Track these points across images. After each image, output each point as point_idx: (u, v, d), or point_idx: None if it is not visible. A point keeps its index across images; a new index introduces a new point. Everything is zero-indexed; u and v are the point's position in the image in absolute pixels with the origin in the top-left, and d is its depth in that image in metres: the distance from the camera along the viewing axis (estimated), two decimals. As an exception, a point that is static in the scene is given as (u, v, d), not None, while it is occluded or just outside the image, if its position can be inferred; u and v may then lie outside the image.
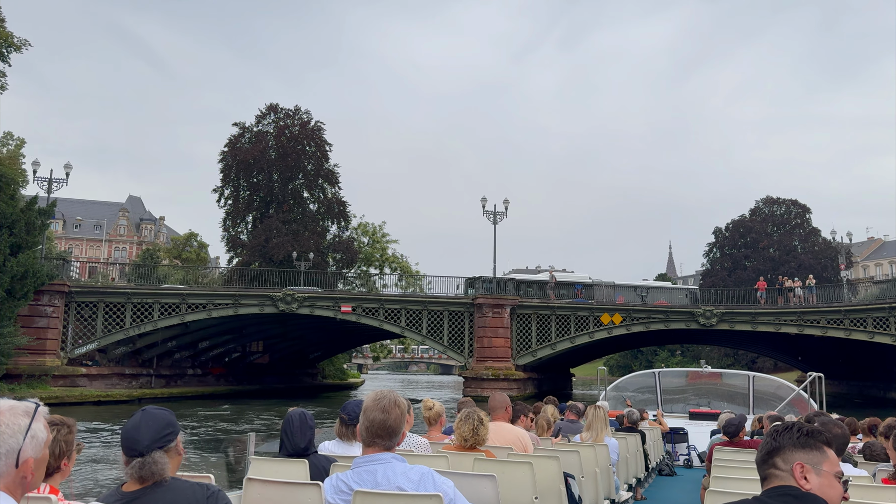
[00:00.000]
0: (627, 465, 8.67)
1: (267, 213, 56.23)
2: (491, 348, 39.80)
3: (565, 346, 41.59)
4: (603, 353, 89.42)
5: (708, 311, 41.08)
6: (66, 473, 3.03)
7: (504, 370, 39.11)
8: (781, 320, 40.61)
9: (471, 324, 41.05)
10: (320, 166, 57.25)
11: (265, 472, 4.12)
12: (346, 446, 4.56)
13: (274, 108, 58.15)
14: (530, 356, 41.17)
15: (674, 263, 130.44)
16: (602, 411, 7.85)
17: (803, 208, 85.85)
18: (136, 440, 2.50)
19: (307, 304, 40.14)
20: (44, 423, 1.90)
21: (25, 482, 1.83)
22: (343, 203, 58.99)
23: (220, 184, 57.17)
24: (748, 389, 16.42)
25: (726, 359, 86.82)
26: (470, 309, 41.13)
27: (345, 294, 41.48)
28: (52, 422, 2.79)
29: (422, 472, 3.08)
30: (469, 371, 40.19)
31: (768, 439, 2.24)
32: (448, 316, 41.18)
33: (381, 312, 40.74)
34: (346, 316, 40.55)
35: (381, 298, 41.23)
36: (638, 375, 20.03)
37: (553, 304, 41.99)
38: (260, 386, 50.38)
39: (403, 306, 41.16)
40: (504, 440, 5.64)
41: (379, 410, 3.05)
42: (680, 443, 13.77)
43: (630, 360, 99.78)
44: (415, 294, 43.37)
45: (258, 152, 54.84)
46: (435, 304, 41.66)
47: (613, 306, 42.59)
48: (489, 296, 40.96)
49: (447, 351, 41.93)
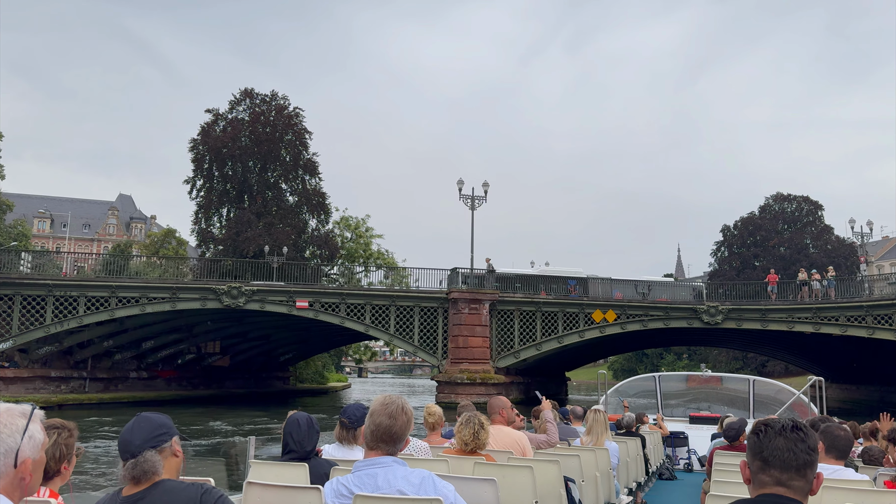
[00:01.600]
0: (628, 468, 9.70)
1: (242, 206, 57.97)
2: (467, 349, 40.29)
3: (552, 346, 42.30)
4: (602, 354, 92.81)
5: (712, 307, 41.87)
6: (66, 477, 3.42)
7: (481, 373, 39.58)
8: (795, 318, 41.17)
9: (445, 321, 41.63)
10: (298, 155, 59.36)
11: (265, 475, 4.67)
12: (347, 450, 5.17)
13: (249, 93, 59.97)
14: (512, 357, 41.81)
15: (682, 266, 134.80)
16: (602, 415, 8.78)
17: (815, 205, 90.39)
18: (129, 441, 2.86)
19: (256, 298, 40.40)
20: (40, 426, 2.12)
21: (24, 484, 2.03)
22: (322, 194, 60.71)
23: (192, 174, 59.22)
24: (748, 393, 18.24)
25: (735, 362, 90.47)
26: (444, 305, 41.68)
27: (300, 287, 41.81)
28: (53, 425, 3.34)
29: (422, 475, 3.47)
30: (442, 374, 40.72)
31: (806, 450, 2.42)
32: (419, 312, 41.72)
33: (342, 308, 41.16)
34: (303, 312, 40.97)
35: (342, 293, 41.83)
36: (638, 379, 22.10)
37: (538, 299, 42.58)
38: (219, 391, 51.12)
39: (368, 301, 41.62)
40: (504, 444, 6.37)
41: (386, 416, 3.46)
42: (680, 447, 15.33)
43: (635, 363, 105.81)
44: (381, 288, 43.84)
45: (232, 140, 56.60)
46: (404, 298, 42.19)
47: (606, 302, 43.18)
48: (465, 290, 41.38)
49: (418, 352, 42.47)
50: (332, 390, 73.86)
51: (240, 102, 59.74)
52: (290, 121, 58.87)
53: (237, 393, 52.03)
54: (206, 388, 51.07)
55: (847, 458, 5.46)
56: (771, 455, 2.44)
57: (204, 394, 49.26)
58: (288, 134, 58.61)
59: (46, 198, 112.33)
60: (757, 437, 2.50)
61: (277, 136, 57.91)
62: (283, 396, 57.45)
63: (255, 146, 56.81)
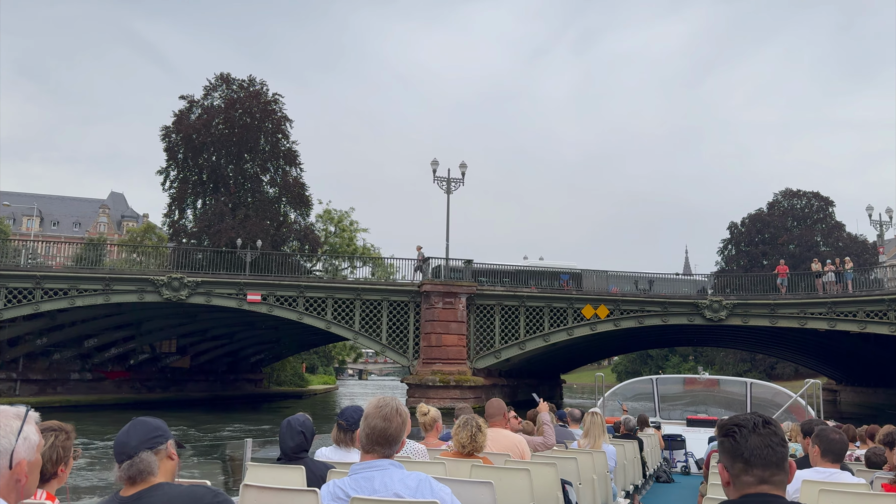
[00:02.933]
0: (625, 471, 10.85)
1: (217, 198, 60.00)
2: (441, 347, 40.93)
3: (537, 345, 43.02)
4: (601, 355, 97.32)
5: (715, 302, 42.74)
6: (63, 480, 3.78)
7: (457, 375, 40.16)
8: (807, 313, 41.89)
9: (417, 317, 42.28)
10: (277, 144, 61.65)
11: (262, 478, 5.30)
12: (344, 452, 5.84)
13: (226, 78, 62.51)
14: (493, 357, 42.53)
15: (690, 267, 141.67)
16: (599, 418, 9.81)
17: (825, 201, 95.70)
18: (125, 443, 3.26)
19: (201, 291, 40.76)
20: (35, 427, 2.37)
21: (20, 486, 2.26)
22: (301, 185, 62.97)
23: (166, 165, 61.87)
24: (745, 396, 20.24)
25: (742, 364, 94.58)
26: (416, 299, 42.28)
27: (251, 279, 42.21)
28: (50, 427, 3.72)
29: (419, 478, 3.87)
30: (413, 376, 41.28)
31: None
32: (388, 307, 42.33)
33: (300, 302, 41.60)
34: (255, 307, 41.40)
35: (300, 285, 42.34)
36: (635, 382, 24.38)
37: (522, 292, 43.33)
38: (178, 394, 51.96)
39: (330, 295, 42.06)
40: (502, 447, 7.14)
41: (380, 418, 3.86)
42: (677, 449, 17.07)
43: (639, 365, 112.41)
44: (345, 280, 44.44)
45: (205, 128, 59.00)
46: (371, 292, 42.69)
47: (597, 296, 43.98)
48: (438, 282, 41.94)
49: (385, 351, 43.19)
50: (311, 394, 76.48)
51: (216, 88, 61.70)
52: (267, 107, 60.99)
53: (198, 397, 52.81)
54: (163, 391, 51.95)
55: (842, 461, 6.20)
56: (751, 455, 2.68)
57: (159, 397, 50.11)
58: (266, 121, 60.70)
59: (37, 196, 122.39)
60: (733, 440, 2.73)
61: (255, 123, 60.06)
62: (251, 400, 58.73)
63: (230, 134, 58.71)
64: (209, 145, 59.25)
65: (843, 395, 76.29)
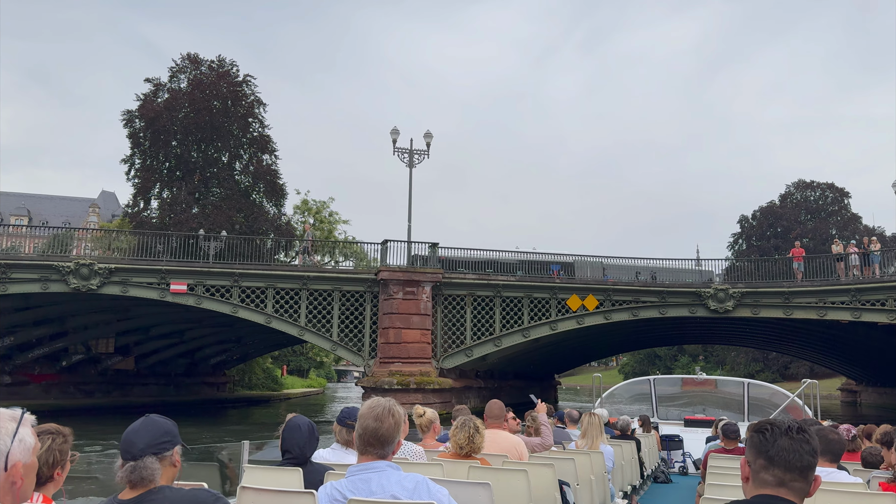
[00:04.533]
0: (623, 472, 12.57)
1: (182, 187, 62.74)
2: (400, 345, 41.45)
3: (515, 340, 43.66)
4: (600, 353, 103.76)
5: (720, 290, 43.49)
6: (60, 483, 4.29)
7: (419, 376, 40.81)
8: (827, 302, 42.42)
9: (375, 310, 42.90)
10: (248, 129, 66.80)
11: (259, 480, 6.23)
12: (342, 454, 6.89)
13: (194, 58, 66.50)
14: (463, 356, 43.15)
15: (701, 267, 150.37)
16: (597, 419, 11.35)
17: (840, 192, 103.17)
18: (133, 443, 3.87)
19: (116, 279, 41.01)
20: (31, 430, 2.70)
21: (15, 488, 2.55)
22: (273, 172, 66.29)
23: (130, 153, 65.87)
24: (743, 396, 23.19)
25: (754, 364, 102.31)
26: (373, 288, 42.89)
27: (176, 265, 42.29)
28: (48, 430, 4.28)
29: (416, 480, 4.52)
30: (368, 378, 41.79)
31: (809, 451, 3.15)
32: (340, 299, 42.86)
33: (234, 293, 42.00)
34: (180, 298, 41.76)
35: (233, 273, 42.68)
36: (633, 383, 27.55)
37: (497, 281, 43.90)
38: (121, 399, 52.97)
39: (270, 284, 42.44)
40: (500, 448, 8.40)
41: (372, 419, 4.51)
42: (675, 450, 19.58)
43: (647, 365, 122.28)
44: (287, 266, 45.24)
45: (171, 112, 61.85)
46: (319, 280, 43.04)
47: (584, 284, 44.72)
48: (398, 268, 42.53)
49: (337, 349, 43.62)
50: (281, 399, 79.63)
51: (183, 70, 64.82)
52: (237, 89, 64.40)
53: (145, 402, 53.44)
54: (104, 395, 52.93)
55: (839, 460, 7.38)
56: (777, 454, 3.11)
57: (98, 403, 50.90)
58: (236, 104, 63.99)
59: (26, 195, 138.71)
60: (763, 436, 3.19)
61: (225, 107, 63.44)
62: (208, 406, 60.17)
63: (197, 118, 61.59)
64: (175, 131, 62.12)
65: (863, 395, 78.93)
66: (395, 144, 44.50)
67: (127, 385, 56.54)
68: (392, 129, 44.42)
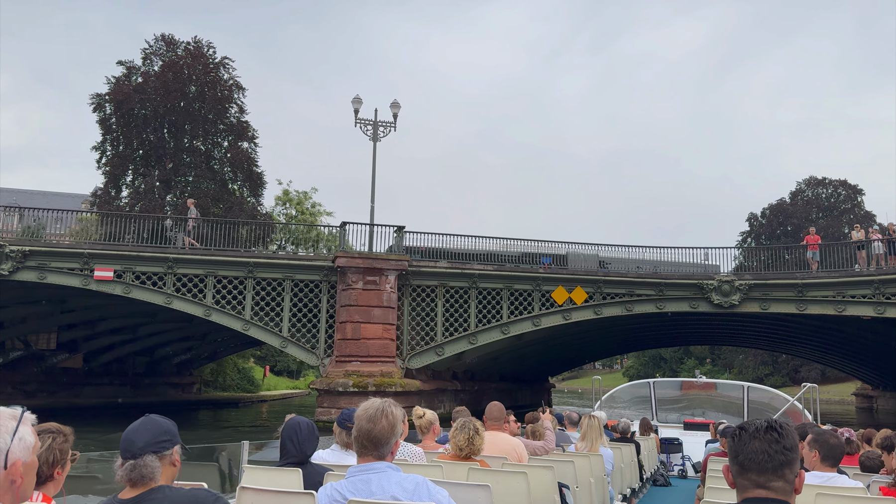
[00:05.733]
0: (622, 475, 14.19)
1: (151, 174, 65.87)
2: (359, 341, 42.03)
3: (492, 337, 44.26)
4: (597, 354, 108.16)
5: (725, 282, 44.10)
6: (60, 483, 4.82)
7: (380, 377, 41.19)
8: (846, 295, 42.86)
9: (332, 301, 43.41)
10: (224, 114, 70.83)
11: (259, 480, 7.14)
12: (342, 455, 7.94)
13: (168, 39, 71.09)
14: (433, 354, 43.67)
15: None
16: (596, 421, 12.88)
17: (853, 189, 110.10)
18: (132, 441, 4.46)
19: (31, 264, 41.25)
20: (31, 429, 3.07)
21: (15, 487, 2.88)
22: (251, 159, 69.44)
23: (101, 140, 69.42)
24: (742, 400, 25.81)
25: (763, 367, 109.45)
26: (330, 277, 43.32)
27: (102, 248, 42.88)
28: (48, 429, 4.80)
29: (416, 481, 5.12)
30: (322, 379, 42.35)
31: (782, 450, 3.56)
32: (292, 289, 43.32)
33: (169, 281, 42.26)
34: (106, 286, 41.87)
35: (167, 257, 42.85)
36: (632, 386, 30.67)
37: (472, 270, 44.40)
38: (69, 401, 53.65)
39: (211, 272, 42.76)
40: (499, 450, 9.64)
41: (366, 420, 5.14)
42: (674, 453, 21.84)
43: (652, 368, 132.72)
44: (231, 251, 45.16)
45: (142, 96, 64.64)
46: (268, 267, 43.47)
47: (571, 275, 45.18)
48: (357, 254, 43.04)
49: (287, 346, 43.76)
50: (254, 401, 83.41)
51: (158, 53, 68.25)
52: (213, 72, 67.79)
53: (96, 405, 54.24)
54: (48, 396, 53.90)
55: (839, 465, 8.36)
56: (746, 458, 3.54)
57: (41, 405, 49.51)
58: (212, 88, 67.22)
59: (17, 191, 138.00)
60: (733, 441, 3.64)
61: (206, 91, 66.96)
62: (170, 409, 60.30)
63: (169, 101, 64.60)
64: (147, 116, 65.23)
65: (880, 401, 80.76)
66: (356, 115, 45.12)
67: (76, 385, 57.33)
68: (354, 98, 45.06)
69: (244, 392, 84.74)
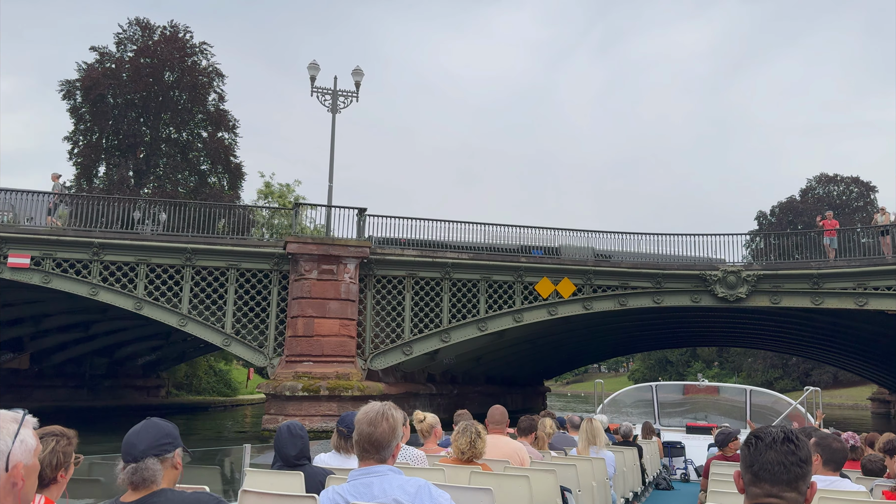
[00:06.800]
0: (624, 478, 15.90)
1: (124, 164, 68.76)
2: (313, 339, 42.65)
3: (468, 334, 44.73)
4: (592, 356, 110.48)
5: (731, 273, 44.98)
6: (63, 486, 5.44)
7: (334, 379, 41.51)
8: (869, 287, 43.47)
9: (283, 294, 43.81)
10: (200, 102, 72.01)
11: (260, 484, 8.15)
12: (344, 459, 9.03)
13: (143, 24, 73.29)
14: (400, 353, 44.01)
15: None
16: (597, 423, 14.69)
17: (866, 187, 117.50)
18: (134, 444, 5.06)
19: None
20: (32, 432, 3.46)
21: (16, 489, 3.24)
22: (228, 149, 72.93)
23: (73, 130, 73.61)
24: (745, 403, 28.39)
25: (773, 371, 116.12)
26: (282, 266, 43.73)
27: (14, 232, 43.53)
28: (52, 432, 5.49)
29: (418, 484, 5.68)
30: (269, 383, 42.54)
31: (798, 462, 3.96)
32: (237, 279, 43.74)
33: (94, 269, 42.58)
34: (22, 275, 42.30)
35: (92, 242, 43.29)
36: (634, 389, 33.20)
37: (445, 258, 44.78)
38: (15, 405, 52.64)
39: (143, 259, 43.16)
40: (501, 453, 11.03)
41: (366, 423, 5.76)
42: (677, 457, 24.16)
43: (658, 372, 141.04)
44: (166, 236, 45.41)
45: (114, 83, 67.89)
46: (208, 255, 43.81)
47: (558, 265, 45.69)
48: (311, 239, 43.64)
49: (231, 344, 43.85)
50: (233, 405, 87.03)
51: (132, 39, 71.55)
52: (189, 59, 71.48)
53: (45, 409, 54.36)
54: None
55: (842, 469, 9.55)
56: (761, 469, 3.91)
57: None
58: (189, 75, 70.67)
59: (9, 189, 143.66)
60: (748, 450, 4.00)
61: (184, 78, 70.48)
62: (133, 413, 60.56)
63: (142, 88, 68.12)
64: (120, 104, 68.41)
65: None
66: (313, 83, 45.91)
67: (24, 387, 58.05)
68: (310, 64, 45.96)
69: (220, 396, 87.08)
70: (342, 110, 46.77)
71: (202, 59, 75.23)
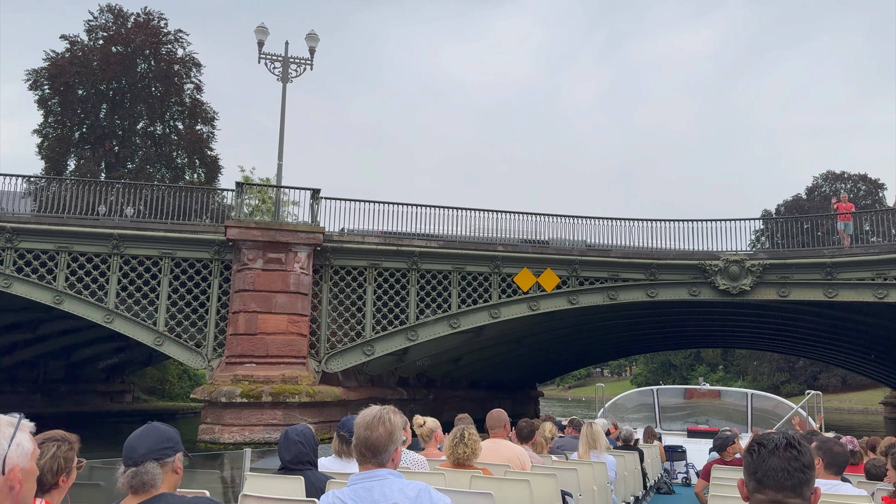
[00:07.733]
0: (625, 482, 17.41)
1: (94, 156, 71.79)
2: (256, 337, 43.04)
3: (439, 332, 45.09)
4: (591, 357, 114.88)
5: (733, 262, 45.63)
6: (65, 491, 5.92)
7: (280, 384, 41.75)
8: (889, 277, 43.95)
9: (226, 287, 44.20)
10: (174, 92, 75.69)
11: (261, 488, 9.18)
12: (344, 463, 10.30)
13: (115, 10, 76.73)
14: (360, 353, 44.31)
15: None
16: (596, 427, 16.26)
17: (874, 184, 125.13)
18: (134, 448, 5.75)
19: None
20: (28, 436, 3.90)
21: (13, 493, 3.68)
22: (204, 140, 76.80)
23: (42, 122, 74.39)
24: (746, 407, 30.85)
25: (779, 374, 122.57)
26: (223, 255, 44.12)
27: None
28: (53, 437, 6.01)
29: (419, 488, 6.21)
30: (206, 387, 42.59)
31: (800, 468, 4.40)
32: (171, 270, 44.13)
33: (7, 259, 42.93)
34: None
35: (5, 227, 43.59)
36: (636, 393, 36.04)
37: (412, 247, 45.12)
38: None
39: (64, 247, 43.52)
40: (502, 458, 12.31)
41: (363, 427, 6.38)
42: (678, 461, 26.33)
43: (661, 376, 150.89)
44: (88, 219, 45.27)
45: (83, 72, 71.18)
46: (137, 241, 44.08)
47: (539, 254, 46.06)
48: (256, 224, 43.95)
49: (164, 343, 43.97)
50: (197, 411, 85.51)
51: (105, 27, 74.74)
52: (164, 47, 75.37)
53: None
54: None
55: (843, 472, 10.82)
56: (765, 475, 4.39)
57: None
58: (166, 64, 74.76)
59: None
60: (751, 457, 4.50)
61: (151, 67, 74.84)
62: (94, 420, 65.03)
63: (112, 78, 71.83)
64: (91, 95, 71.74)
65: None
66: (261, 48, 46.94)
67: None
68: (258, 27, 47.05)
69: (193, 402, 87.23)
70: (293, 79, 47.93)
71: (178, 47, 78.33)
